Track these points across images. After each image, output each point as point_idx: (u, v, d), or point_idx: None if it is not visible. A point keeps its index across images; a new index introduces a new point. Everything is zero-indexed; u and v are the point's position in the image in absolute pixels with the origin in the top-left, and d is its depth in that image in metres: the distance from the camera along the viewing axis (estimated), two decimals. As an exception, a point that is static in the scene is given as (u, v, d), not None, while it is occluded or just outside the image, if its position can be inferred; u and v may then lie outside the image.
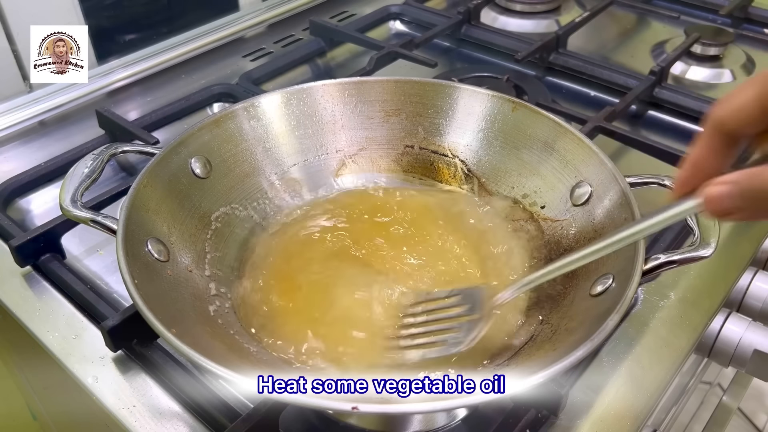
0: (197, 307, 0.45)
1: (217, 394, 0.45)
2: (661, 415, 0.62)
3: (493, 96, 0.56)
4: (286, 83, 0.81)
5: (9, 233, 0.57)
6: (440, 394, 0.37)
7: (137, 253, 0.44)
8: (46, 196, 0.65)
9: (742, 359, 0.54)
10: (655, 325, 0.50)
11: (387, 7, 0.94)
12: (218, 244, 0.52)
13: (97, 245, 0.59)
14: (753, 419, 1.34)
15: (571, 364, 0.35)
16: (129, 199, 0.46)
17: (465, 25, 0.89)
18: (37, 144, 0.72)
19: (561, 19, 0.94)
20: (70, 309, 0.53)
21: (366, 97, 0.59)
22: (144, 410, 0.45)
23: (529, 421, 0.43)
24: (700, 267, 0.55)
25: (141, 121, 0.70)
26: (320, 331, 0.46)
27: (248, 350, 0.44)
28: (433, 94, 0.58)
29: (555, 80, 0.82)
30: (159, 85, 0.81)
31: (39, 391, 0.70)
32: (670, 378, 0.47)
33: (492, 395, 0.34)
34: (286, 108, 0.57)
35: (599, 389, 0.46)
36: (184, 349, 0.36)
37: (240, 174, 0.55)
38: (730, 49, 0.85)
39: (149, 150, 0.52)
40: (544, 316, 0.46)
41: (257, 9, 0.92)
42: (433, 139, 0.59)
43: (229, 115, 0.55)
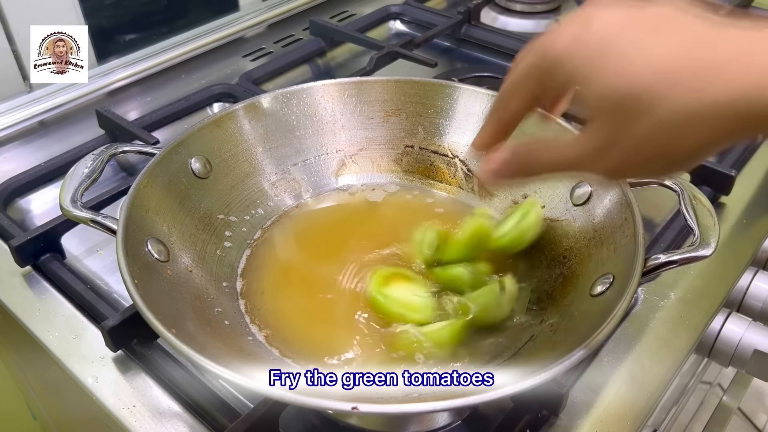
0: (197, 307, 0.45)
1: (217, 394, 0.45)
2: (661, 415, 0.62)
3: (493, 96, 0.56)
4: (286, 83, 0.81)
5: (9, 233, 0.57)
6: (440, 394, 0.37)
7: (137, 253, 0.44)
8: (46, 196, 0.65)
9: (742, 359, 0.54)
10: (655, 325, 0.50)
11: (387, 7, 0.94)
12: (218, 244, 0.52)
13: (97, 245, 0.59)
14: (753, 419, 1.34)
15: (571, 364, 0.35)
16: (129, 199, 0.46)
17: (465, 25, 0.89)
18: (37, 144, 0.72)
19: (561, 19, 0.94)
20: (70, 309, 0.53)
21: (366, 97, 0.59)
22: (144, 410, 0.45)
23: (529, 421, 0.44)
24: (700, 267, 0.55)
25: (141, 121, 0.70)
26: (319, 331, 0.46)
27: (248, 350, 0.44)
28: (433, 94, 0.58)
29: (555, 80, 0.82)
30: (159, 85, 0.81)
31: (39, 391, 0.70)
32: (670, 378, 0.47)
33: (492, 395, 0.34)
34: (286, 108, 0.57)
35: (599, 389, 0.46)
36: (184, 349, 0.36)
37: (240, 174, 0.55)
38: (730, 49, 0.85)
39: (149, 150, 0.52)
40: (544, 316, 0.46)
41: (257, 9, 0.92)
42: (433, 139, 0.59)
43: (229, 115, 0.55)
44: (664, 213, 0.61)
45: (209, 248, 0.51)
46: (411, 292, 0.47)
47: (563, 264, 0.49)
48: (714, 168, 0.61)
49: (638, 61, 0.29)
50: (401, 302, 0.46)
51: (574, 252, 0.48)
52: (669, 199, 0.57)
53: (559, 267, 0.49)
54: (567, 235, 0.50)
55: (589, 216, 0.49)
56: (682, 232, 0.58)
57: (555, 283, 0.48)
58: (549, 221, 0.52)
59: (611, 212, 0.47)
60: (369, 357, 0.44)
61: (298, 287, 0.50)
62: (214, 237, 0.52)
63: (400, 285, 0.47)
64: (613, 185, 0.46)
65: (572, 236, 0.50)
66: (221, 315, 0.46)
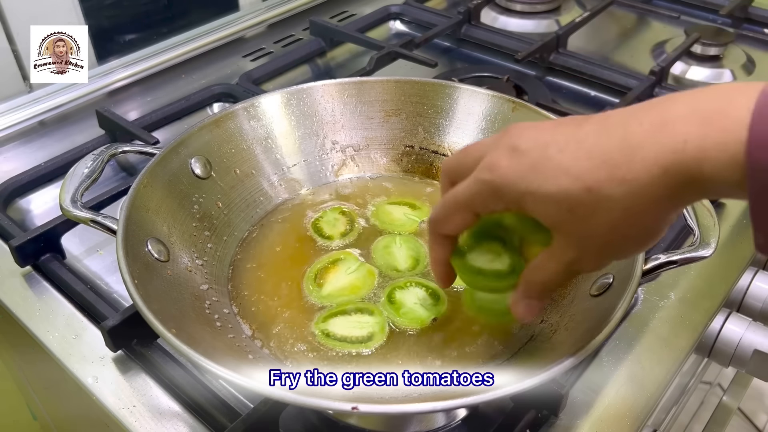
0: (197, 307, 0.45)
1: (217, 394, 0.45)
2: (661, 415, 0.62)
3: (493, 96, 0.56)
4: (286, 83, 0.81)
5: (9, 233, 0.57)
6: (440, 394, 0.37)
7: (137, 253, 0.44)
8: (46, 196, 0.65)
9: (742, 359, 0.54)
10: (655, 325, 0.50)
11: (387, 7, 0.94)
12: (218, 244, 0.52)
13: (97, 245, 0.59)
14: (753, 419, 1.34)
15: (571, 364, 0.35)
16: (129, 199, 0.46)
17: (465, 25, 0.89)
18: (37, 144, 0.72)
19: (561, 19, 0.94)
20: (70, 309, 0.53)
21: (366, 97, 0.59)
22: (144, 410, 0.45)
23: (529, 421, 0.43)
24: (700, 267, 0.55)
25: (141, 121, 0.70)
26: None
27: (248, 350, 0.44)
28: (433, 94, 0.58)
29: (555, 80, 0.82)
30: (159, 85, 0.81)
31: (39, 391, 0.70)
32: (670, 378, 0.47)
33: (492, 395, 0.34)
34: (286, 108, 0.57)
35: (599, 389, 0.46)
36: (184, 349, 0.36)
37: (240, 174, 0.55)
38: (730, 49, 0.85)
39: (149, 150, 0.52)
40: (544, 316, 0.46)
41: (257, 9, 0.92)
42: (433, 139, 0.59)
43: (229, 115, 0.55)
44: (664, 213, 0.61)
45: (209, 248, 0.51)
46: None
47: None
48: (714, 168, 0.61)
49: (572, 168, 0.31)
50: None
51: None
52: (669, 199, 0.57)
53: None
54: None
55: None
56: (682, 232, 0.58)
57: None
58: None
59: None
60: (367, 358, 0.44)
61: (296, 287, 0.50)
62: (214, 237, 0.52)
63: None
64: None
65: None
66: (221, 315, 0.46)
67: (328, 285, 0.49)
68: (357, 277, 0.50)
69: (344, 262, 0.51)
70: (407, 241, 0.53)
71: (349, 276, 0.50)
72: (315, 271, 0.50)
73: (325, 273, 0.50)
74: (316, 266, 0.51)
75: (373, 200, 0.57)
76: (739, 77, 0.82)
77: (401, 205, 0.56)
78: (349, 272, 0.50)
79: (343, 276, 0.50)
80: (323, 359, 0.44)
